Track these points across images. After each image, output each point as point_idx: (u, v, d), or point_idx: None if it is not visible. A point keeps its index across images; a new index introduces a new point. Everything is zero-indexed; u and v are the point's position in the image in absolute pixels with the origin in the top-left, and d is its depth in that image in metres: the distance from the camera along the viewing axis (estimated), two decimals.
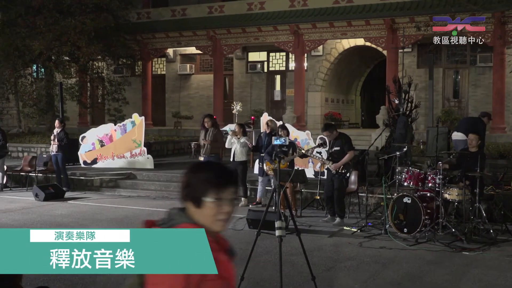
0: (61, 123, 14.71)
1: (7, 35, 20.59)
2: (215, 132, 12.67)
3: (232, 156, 12.43)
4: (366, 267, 7.52)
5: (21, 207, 12.30)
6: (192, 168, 2.48)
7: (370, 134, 19.04)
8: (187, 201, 2.45)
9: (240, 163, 12.37)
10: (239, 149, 12.34)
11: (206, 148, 12.61)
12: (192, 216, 2.40)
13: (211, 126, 12.72)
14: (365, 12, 20.35)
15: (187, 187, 2.46)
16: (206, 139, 12.55)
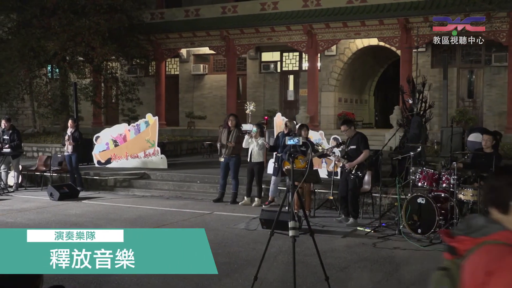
0: (74, 122, 14.81)
1: (23, 35, 20.75)
2: (238, 133, 12.69)
3: (249, 156, 12.45)
4: (380, 267, 7.49)
5: (36, 207, 12.39)
6: (497, 172, 2.33)
7: (383, 134, 18.97)
8: (492, 207, 2.25)
9: (257, 163, 12.40)
10: (256, 150, 12.35)
11: (229, 149, 12.62)
12: (502, 223, 2.19)
13: (234, 126, 12.74)
14: (379, 11, 20.27)
15: (492, 192, 2.26)
16: (230, 141, 12.55)
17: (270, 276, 7.01)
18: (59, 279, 6.34)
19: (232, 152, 12.64)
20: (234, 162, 12.63)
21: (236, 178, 12.71)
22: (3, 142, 14.55)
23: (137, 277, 6.87)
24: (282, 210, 6.48)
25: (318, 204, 11.76)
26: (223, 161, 12.71)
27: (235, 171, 12.67)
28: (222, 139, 12.73)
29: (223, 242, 8.87)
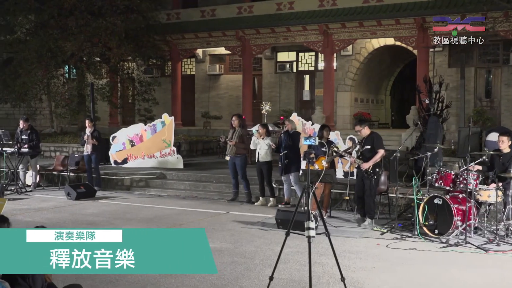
0: (92, 122, 14.93)
1: (40, 36, 20.90)
2: (241, 132, 12.72)
3: (257, 156, 12.47)
4: (396, 268, 7.45)
5: (54, 206, 12.50)
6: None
7: (400, 134, 18.87)
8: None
9: (265, 163, 12.40)
10: (263, 150, 12.36)
11: (231, 149, 12.68)
12: None
13: (238, 125, 12.78)
14: (395, 11, 20.16)
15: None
16: (232, 140, 12.61)
17: (286, 276, 7.01)
18: (76, 278, 6.39)
19: (237, 152, 12.67)
20: (239, 162, 12.66)
21: (245, 178, 12.73)
22: (21, 142, 14.69)
23: (154, 277, 6.90)
24: (298, 210, 6.46)
25: (334, 204, 11.73)
26: (230, 161, 12.77)
27: (243, 171, 12.70)
28: (228, 138, 12.82)
29: (239, 242, 8.88)
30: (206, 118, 25.19)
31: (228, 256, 8.00)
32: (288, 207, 11.79)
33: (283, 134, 12.20)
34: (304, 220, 5.88)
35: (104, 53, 21.43)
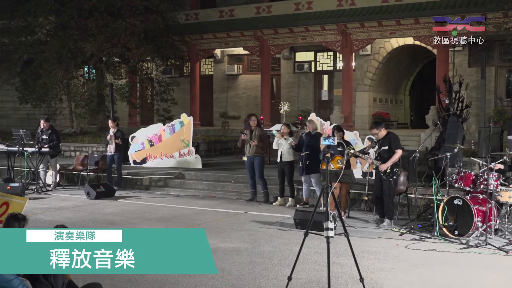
0: (114, 122, 15.05)
1: (60, 37, 21.09)
2: (260, 132, 12.74)
3: (280, 156, 12.44)
4: (415, 269, 7.41)
5: (73, 205, 12.61)
6: None
7: (419, 135, 18.75)
8: None
9: (287, 163, 12.39)
10: (286, 150, 12.34)
11: (252, 149, 12.68)
12: None
13: (256, 125, 12.80)
14: (414, 10, 20.02)
15: None
16: (253, 140, 12.61)
17: (304, 276, 7.00)
18: (96, 277, 6.43)
19: (256, 152, 12.68)
20: (258, 162, 12.66)
21: (262, 177, 12.73)
22: (42, 142, 14.84)
23: (173, 276, 6.93)
24: (317, 210, 6.45)
25: (352, 204, 11.69)
26: (247, 161, 12.77)
27: (260, 171, 12.70)
28: (241, 138, 12.82)
29: (257, 242, 8.89)
30: (224, 118, 25.24)
31: (246, 256, 8.01)
32: (306, 207, 11.77)
33: (305, 135, 12.16)
34: (323, 221, 5.87)
35: (124, 53, 21.57)
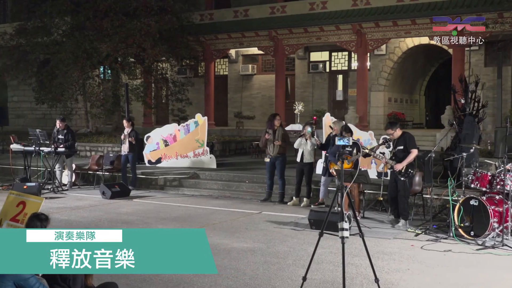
0: (129, 121, 15.12)
1: (76, 38, 21.22)
2: (283, 132, 12.73)
3: (300, 157, 12.41)
4: (431, 270, 7.36)
5: (89, 205, 12.69)
6: None
7: (434, 135, 18.64)
8: None
9: (308, 164, 12.39)
10: (308, 151, 12.33)
11: (275, 148, 12.66)
12: None
13: (279, 125, 12.81)
14: (430, 9, 19.90)
15: None
16: (277, 140, 12.59)
17: (319, 276, 6.99)
18: (112, 276, 6.47)
19: (278, 151, 12.67)
20: (280, 162, 12.65)
21: (282, 177, 12.72)
22: (58, 141, 14.94)
23: (188, 276, 6.95)
24: (332, 210, 6.43)
25: (367, 205, 11.65)
26: (269, 161, 12.75)
27: (282, 171, 12.68)
28: (263, 138, 12.78)
29: (272, 242, 8.89)
30: (239, 118, 25.26)
31: (261, 256, 8.01)
32: (321, 207, 11.75)
33: (332, 137, 12.07)
34: (337, 221, 5.86)
35: (139, 54, 21.66)
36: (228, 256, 8.01)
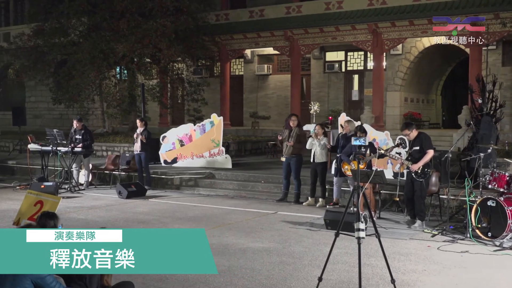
0: (142, 121, 15.18)
1: (93, 38, 21.36)
2: (298, 132, 12.70)
3: (312, 157, 12.41)
4: (448, 271, 7.32)
5: (105, 204, 12.77)
6: None
7: (451, 135, 18.51)
8: None
9: (320, 164, 12.36)
10: (319, 151, 12.31)
11: (288, 149, 12.66)
12: None
13: (296, 125, 12.78)
14: (447, 9, 19.75)
15: None
16: (290, 140, 12.58)
17: (335, 277, 6.97)
18: (128, 275, 6.49)
19: (293, 152, 12.65)
20: (295, 162, 12.63)
21: (298, 178, 12.70)
22: (75, 141, 15.05)
23: (204, 276, 6.96)
24: (347, 211, 6.41)
25: (383, 205, 11.60)
26: (285, 161, 12.75)
27: (297, 171, 12.66)
28: (284, 139, 12.79)
29: (287, 242, 8.88)
30: (254, 118, 25.27)
31: (276, 256, 8.01)
32: (336, 207, 11.72)
33: (341, 136, 12.06)
34: (353, 221, 5.84)
35: (155, 54, 21.76)
36: (244, 256, 8.02)
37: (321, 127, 12.53)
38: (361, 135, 11.01)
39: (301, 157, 12.85)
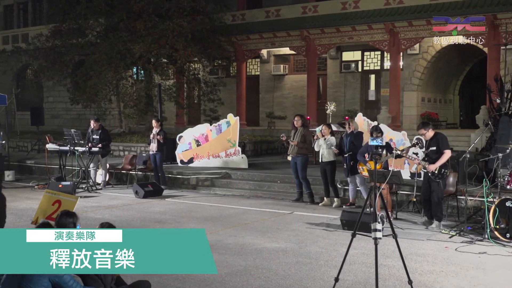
0: (158, 122, 15.25)
1: (110, 39, 21.49)
2: (303, 132, 12.69)
3: (320, 157, 12.41)
4: (466, 273, 7.26)
5: (122, 204, 12.84)
6: None
7: (469, 135, 18.36)
8: None
9: (328, 163, 12.33)
10: (326, 150, 12.29)
11: (293, 149, 12.67)
12: None
13: (300, 125, 12.77)
14: (465, 8, 19.60)
15: None
16: (294, 140, 12.60)
17: (351, 277, 6.95)
18: (144, 274, 6.53)
19: (298, 152, 12.64)
20: (300, 162, 12.64)
21: (305, 178, 12.69)
22: (92, 141, 15.15)
23: (220, 276, 6.98)
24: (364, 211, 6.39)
25: (400, 206, 11.54)
26: (291, 161, 12.78)
27: (303, 172, 12.66)
28: (289, 139, 12.81)
29: (304, 243, 8.87)
30: (271, 118, 25.27)
31: (292, 257, 8.00)
32: (352, 208, 11.69)
33: (347, 136, 12.03)
34: (370, 222, 5.82)
35: (171, 54, 21.83)
36: (260, 256, 8.02)
37: (328, 127, 12.49)
38: (377, 135, 10.97)
39: (307, 157, 12.88)
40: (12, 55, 28.24)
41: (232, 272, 7.22)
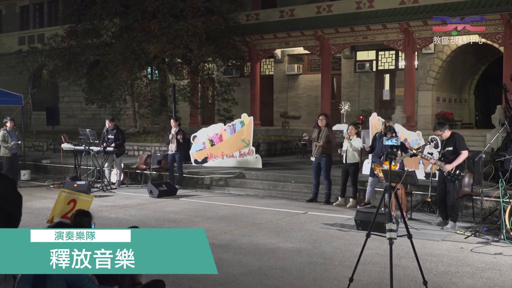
0: (176, 121, 15.30)
1: (125, 39, 21.59)
2: (328, 132, 12.63)
3: (344, 158, 12.36)
4: (481, 273, 7.20)
5: (137, 203, 12.90)
6: None
7: (484, 135, 18.22)
8: None
9: (352, 164, 12.31)
10: (351, 151, 12.25)
11: (318, 149, 12.61)
12: None
13: (324, 125, 12.70)
14: (480, 7, 19.46)
15: None
16: (319, 140, 12.53)
17: (366, 278, 6.93)
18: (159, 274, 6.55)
19: (322, 152, 12.59)
20: (324, 162, 12.57)
21: (328, 178, 12.64)
22: (107, 141, 15.23)
23: (233, 275, 6.99)
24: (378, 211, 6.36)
25: (415, 206, 11.48)
26: (314, 161, 12.72)
27: (327, 171, 12.60)
28: (313, 139, 12.75)
29: (318, 243, 8.86)
30: (285, 118, 25.24)
31: (306, 257, 7.99)
32: (367, 208, 11.64)
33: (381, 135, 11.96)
34: (385, 222, 5.79)
35: (186, 54, 21.89)
36: (274, 256, 8.02)
37: (354, 127, 12.46)
38: (392, 135, 10.91)
39: (331, 157, 12.80)
40: (28, 55, 28.43)
41: (246, 271, 7.23)
